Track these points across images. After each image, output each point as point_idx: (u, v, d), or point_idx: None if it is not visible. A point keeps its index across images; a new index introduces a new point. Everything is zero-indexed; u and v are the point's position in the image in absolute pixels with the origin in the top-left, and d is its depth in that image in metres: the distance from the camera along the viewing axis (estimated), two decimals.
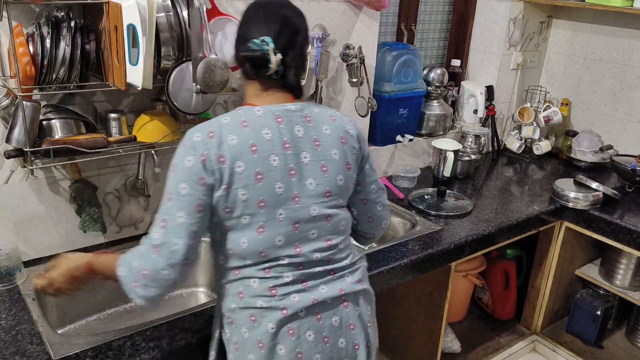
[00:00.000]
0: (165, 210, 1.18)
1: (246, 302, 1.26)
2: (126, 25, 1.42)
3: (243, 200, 1.20)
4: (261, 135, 1.22)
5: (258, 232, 1.22)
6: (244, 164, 1.19)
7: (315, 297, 1.28)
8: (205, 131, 1.20)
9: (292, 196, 1.24)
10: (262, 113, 1.25)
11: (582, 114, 2.97)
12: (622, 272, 2.52)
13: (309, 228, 1.27)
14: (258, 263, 1.25)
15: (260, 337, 1.24)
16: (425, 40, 2.81)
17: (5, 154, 1.51)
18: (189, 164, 1.17)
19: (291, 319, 1.25)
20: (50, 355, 1.34)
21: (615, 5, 2.47)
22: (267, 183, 1.21)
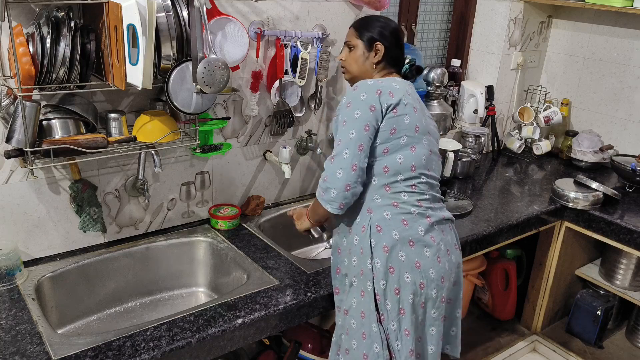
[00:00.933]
0: (341, 132, 1.52)
1: (401, 208, 1.56)
2: (126, 25, 1.42)
3: (406, 123, 1.55)
4: (407, 92, 1.60)
5: (411, 150, 1.57)
6: (407, 99, 1.57)
7: (443, 214, 1.64)
8: (373, 80, 1.58)
9: (428, 131, 1.62)
10: (400, 80, 1.65)
11: (582, 114, 2.97)
12: (622, 272, 2.52)
13: (434, 158, 1.65)
14: (407, 178, 1.57)
15: (412, 237, 1.55)
16: (425, 40, 2.81)
17: (5, 154, 1.51)
18: (363, 97, 1.52)
19: (432, 227, 1.59)
20: (50, 355, 1.34)
21: (615, 5, 2.47)
22: (419, 115, 1.59)
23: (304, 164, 2.30)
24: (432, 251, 1.56)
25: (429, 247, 1.56)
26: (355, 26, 1.70)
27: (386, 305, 1.54)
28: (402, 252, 1.53)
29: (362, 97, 1.52)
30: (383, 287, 1.53)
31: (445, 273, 1.60)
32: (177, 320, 1.49)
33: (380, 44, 1.64)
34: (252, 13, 1.91)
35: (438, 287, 1.58)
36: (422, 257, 1.55)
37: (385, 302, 1.54)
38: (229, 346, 1.52)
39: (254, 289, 1.65)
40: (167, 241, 1.92)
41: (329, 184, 1.50)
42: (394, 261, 1.53)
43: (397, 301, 1.54)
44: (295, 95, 2.08)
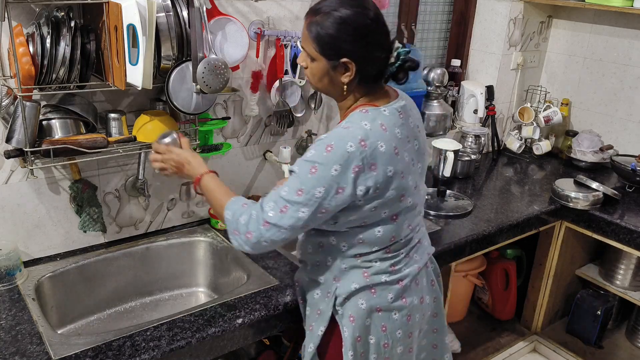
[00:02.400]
0: (291, 198, 1.24)
1: (371, 279, 1.38)
2: (126, 25, 1.42)
3: (390, 198, 1.30)
4: (396, 136, 1.30)
5: (392, 221, 1.35)
6: (393, 167, 1.28)
7: (418, 265, 1.46)
8: (356, 140, 1.23)
9: (415, 185, 1.37)
10: (388, 112, 1.31)
11: (582, 114, 2.97)
12: (622, 272, 2.52)
13: (420, 207, 1.44)
14: (383, 248, 1.38)
15: (379, 305, 1.39)
16: (425, 40, 2.81)
17: (5, 154, 1.51)
18: (334, 172, 1.23)
19: (404, 289, 1.42)
20: (50, 355, 1.34)
21: (615, 5, 2.47)
22: (406, 180, 1.32)
23: None
24: (402, 313, 1.42)
25: (398, 311, 1.42)
26: (309, 27, 1.28)
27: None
28: (369, 320, 1.40)
29: (333, 171, 1.22)
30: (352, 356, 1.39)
31: (414, 325, 1.47)
32: (177, 320, 1.49)
33: (350, 62, 1.25)
34: (252, 13, 1.91)
35: (405, 344, 1.46)
36: (390, 321, 1.41)
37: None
38: (229, 346, 1.52)
39: (254, 289, 1.65)
40: (167, 241, 1.92)
41: (247, 244, 1.28)
42: (361, 330, 1.40)
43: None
44: (295, 95, 2.08)
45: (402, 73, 1.34)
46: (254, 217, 1.28)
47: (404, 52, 1.31)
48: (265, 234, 1.26)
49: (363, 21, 1.24)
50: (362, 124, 1.26)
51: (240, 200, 1.35)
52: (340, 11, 1.24)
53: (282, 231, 1.26)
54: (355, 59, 1.26)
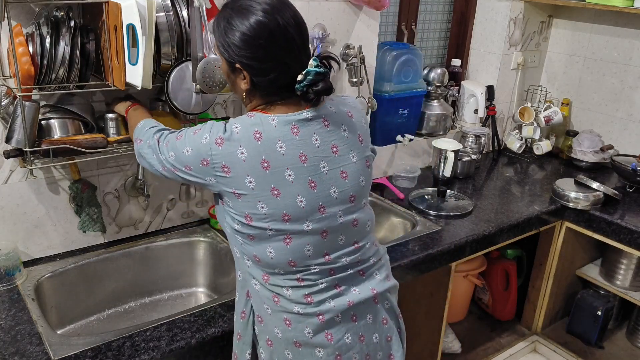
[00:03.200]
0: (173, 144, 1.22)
1: (282, 306, 1.24)
2: (126, 25, 1.41)
3: (265, 214, 1.16)
4: (275, 149, 1.15)
5: (285, 243, 1.19)
6: (255, 179, 1.15)
7: (350, 299, 1.27)
8: (213, 137, 1.15)
9: (318, 207, 1.19)
10: (276, 123, 1.17)
11: (582, 114, 2.96)
12: (622, 273, 2.51)
13: (337, 235, 1.24)
14: (288, 272, 1.22)
15: (297, 339, 1.25)
16: (425, 40, 2.81)
17: (5, 154, 1.51)
18: (187, 153, 1.19)
19: (328, 324, 1.25)
20: (49, 355, 1.33)
21: (615, 5, 2.47)
22: (286, 198, 1.16)
23: None
24: (327, 351, 1.26)
25: (322, 348, 1.26)
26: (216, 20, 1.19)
27: None
28: (289, 351, 1.26)
29: (203, 140, 1.16)
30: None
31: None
32: (176, 320, 1.49)
33: (242, 69, 1.16)
34: None
35: None
36: (313, 357, 1.26)
37: None
38: (228, 346, 1.52)
39: None
40: (167, 241, 1.92)
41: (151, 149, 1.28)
42: (280, 356, 1.28)
43: None
44: None
45: (312, 94, 1.14)
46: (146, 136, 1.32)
47: (314, 73, 1.12)
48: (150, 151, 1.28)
49: (256, 28, 1.12)
50: (233, 126, 1.16)
51: (143, 127, 1.37)
52: (234, 11, 1.14)
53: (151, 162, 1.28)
54: (246, 67, 1.15)
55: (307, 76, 1.13)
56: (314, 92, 1.14)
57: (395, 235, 2.22)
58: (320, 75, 1.13)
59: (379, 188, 2.46)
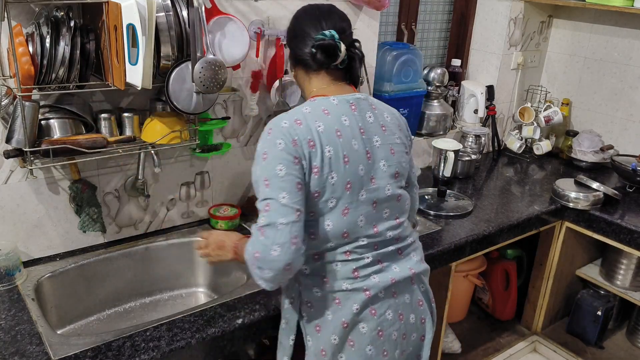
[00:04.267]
0: (267, 194, 1.21)
1: (331, 285, 1.33)
2: (126, 25, 1.41)
3: (332, 184, 1.27)
4: (342, 122, 1.30)
5: (343, 214, 1.29)
6: (332, 148, 1.27)
7: (392, 276, 1.37)
8: (291, 119, 1.27)
9: (370, 177, 1.33)
10: (337, 102, 1.34)
11: (582, 114, 2.96)
12: (622, 272, 2.51)
13: (383, 207, 1.36)
14: (340, 245, 1.32)
15: (345, 318, 1.32)
16: (425, 40, 2.81)
17: (5, 154, 1.51)
18: (280, 146, 1.23)
19: (373, 300, 1.34)
20: (49, 355, 1.33)
21: (615, 5, 2.47)
22: (352, 166, 1.29)
23: None
24: (370, 326, 1.34)
25: (366, 323, 1.34)
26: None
27: None
28: (335, 336, 1.32)
29: (278, 145, 1.23)
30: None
31: (390, 343, 1.38)
32: (177, 320, 1.49)
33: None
34: (252, 13, 1.91)
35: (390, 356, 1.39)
36: (358, 335, 1.34)
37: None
38: (228, 346, 1.52)
39: (253, 289, 1.64)
40: (167, 241, 1.92)
41: (262, 264, 1.19)
42: (326, 343, 1.33)
43: None
44: (295, 95, 2.08)
45: (319, 53, 1.33)
46: (252, 235, 1.23)
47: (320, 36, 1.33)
48: (267, 240, 1.18)
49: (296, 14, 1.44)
50: (302, 109, 1.31)
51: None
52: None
53: (279, 227, 1.18)
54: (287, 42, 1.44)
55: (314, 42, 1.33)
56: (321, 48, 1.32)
57: None
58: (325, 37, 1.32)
59: None
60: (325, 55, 1.33)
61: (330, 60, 1.33)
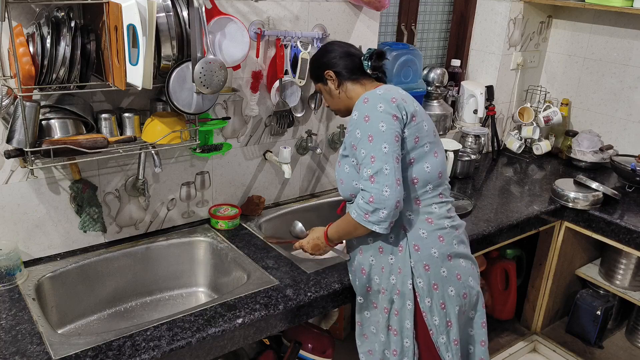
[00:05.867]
0: (370, 148, 1.45)
1: (436, 224, 1.55)
2: (126, 25, 1.42)
3: (426, 130, 1.53)
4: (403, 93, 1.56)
5: (435, 156, 1.55)
6: (419, 107, 1.56)
7: (460, 221, 1.64)
8: (382, 89, 1.53)
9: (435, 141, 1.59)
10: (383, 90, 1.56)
11: (582, 114, 2.97)
12: (622, 272, 2.52)
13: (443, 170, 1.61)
14: (435, 187, 1.56)
15: (449, 252, 1.55)
16: (425, 40, 2.81)
17: (6, 154, 1.51)
18: (381, 108, 1.47)
19: (461, 236, 1.60)
20: (50, 355, 1.34)
21: (615, 6, 2.47)
22: (429, 128, 1.56)
23: (304, 164, 2.30)
24: (466, 261, 1.59)
25: (464, 258, 1.58)
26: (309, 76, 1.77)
27: (434, 320, 1.55)
28: (444, 268, 1.54)
29: (379, 108, 1.47)
30: (429, 305, 1.54)
31: (477, 277, 1.63)
32: (177, 320, 1.49)
33: (326, 72, 1.63)
34: (252, 13, 1.92)
35: (477, 292, 1.62)
36: (460, 268, 1.56)
37: (433, 318, 1.55)
38: (229, 346, 1.52)
39: (254, 289, 1.65)
40: (167, 241, 1.92)
41: (377, 205, 1.43)
42: (437, 278, 1.53)
43: (445, 315, 1.55)
44: (295, 95, 2.08)
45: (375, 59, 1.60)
46: (363, 187, 1.46)
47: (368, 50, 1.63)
48: (378, 185, 1.43)
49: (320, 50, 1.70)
50: (376, 92, 1.52)
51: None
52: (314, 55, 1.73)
53: (386, 172, 1.42)
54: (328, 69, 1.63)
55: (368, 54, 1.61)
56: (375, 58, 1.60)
57: None
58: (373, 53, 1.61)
59: None
60: (378, 59, 1.60)
61: (380, 62, 1.61)
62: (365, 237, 1.60)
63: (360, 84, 1.62)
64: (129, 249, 1.85)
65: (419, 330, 1.56)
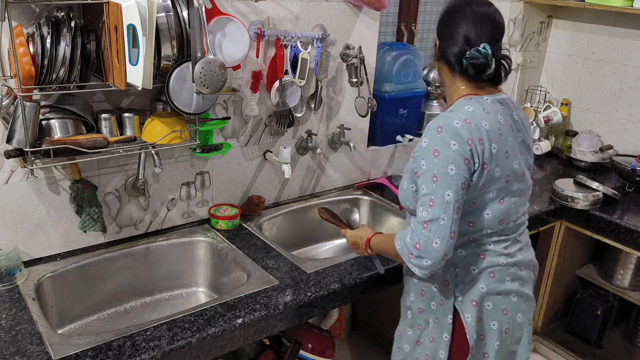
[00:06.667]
0: (433, 190, 1.35)
1: (488, 261, 1.48)
2: (126, 25, 1.42)
3: (497, 177, 1.41)
4: (499, 120, 1.43)
5: (499, 203, 1.45)
6: (497, 145, 1.40)
7: (527, 256, 1.56)
8: (461, 119, 1.37)
9: (523, 171, 1.50)
10: (491, 101, 1.45)
11: (582, 114, 2.97)
12: (621, 272, 2.52)
13: (524, 195, 1.54)
14: (494, 231, 1.47)
15: (499, 289, 1.49)
16: (425, 40, 2.81)
17: (6, 154, 1.51)
18: (454, 147, 1.35)
19: (518, 272, 1.52)
20: (50, 355, 1.34)
21: (615, 5, 2.47)
22: (510, 161, 1.44)
23: (304, 164, 2.30)
24: (519, 297, 1.53)
25: (516, 294, 1.52)
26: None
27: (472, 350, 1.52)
28: (489, 302, 1.49)
29: (452, 146, 1.34)
30: (474, 340, 1.50)
31: (530, 314, 1.58)
32: (177, 320, 1.49)
33: (437, 38, 1.48)
34: (252, 13, 1.92)
35: (524, 329, 1.56)
36: (509, 304, 1.51)
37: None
38: (229, 346, 1.52)
39: (254, 289, 1.65)
40: (167, 241, 1.92)
41: (423, 254, 1.36)
42: (482, 312, 1.50)
43: (482, 346, 1.52)
44: (295, 95, 2.08)
45: (470, 68, 1.42)
46: (414, 229, 1.38)
47: (474, 53, 1.40)
48: (429, 234, 1.34)
49: (453, 7, 1.46)
50: (466, 108, 1.40)
51: (403, 230, 1.47)
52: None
53: (442, 222, 1.34)
54: (439, 39, 1.49)
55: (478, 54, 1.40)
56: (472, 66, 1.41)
57: None
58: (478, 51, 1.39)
59: (378, 188, 2.46)
60: (476, 71, 1.40)
61: (479, 75, 1.41)
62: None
63: (452, 76, 1.48)
64: (129, 249, 1.85)
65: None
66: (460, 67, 1.42)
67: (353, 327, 2.78)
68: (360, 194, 2.41)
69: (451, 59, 1.43)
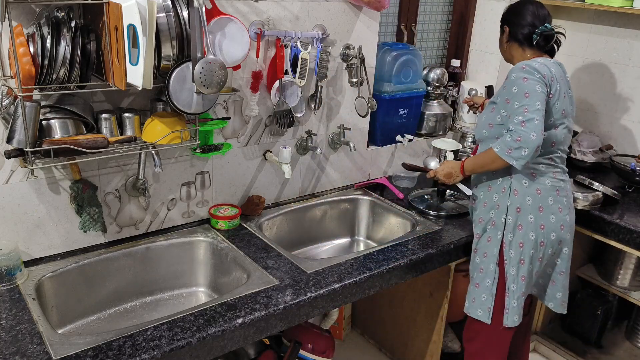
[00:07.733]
0: (526, 102, 1.74)
1: (538, 180, 1.88)
2: (126, 25, 1.42)
3: (556, 108, 1.82)
4: (560, 72, 1.87)
5: (554, 129, 1.85)
6: (559, 85, 1.83)
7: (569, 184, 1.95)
8: (538, 62, 1.82)
9: (570, 113, 1.89)
10: (552, 62, 1.87)
11: (581, 114, 2.97)
12: (621, 272, 2.52)
13: (568, 137, 1.92)
14: (547, 152, 1.86)
15: (542, 205, 1.87)
16: (425, 40, 2.81)
17: (6, 154, 1.51)
18: (537, 75, 1.77)
19: (560, 197, 1.89)
20: (50, 355, 1.34)
21: (615, 6, 2.47)
22: (564, 102, 1.85)
23: (304, 164, 2.30)
24: (557, 218, 1.88)
25: (555, 215, 1.88)
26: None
27: (510, 253, 1.88)
28: (532, 215, 1.86)
29: (536, 75, 1.76)
30: (510, 239, 1.88)
31: (563, 237, 1.92)
32: (177, 320, 1.49)
33: (504, 26, 1.93)
34: (252, 13, 1.92)
35: (554, 248, 1.92)
36: (547, 222, 1.87)
37: (510, 251, 1.88)
38: (229, 346, 1.52)
39: (254, 288, 1.65)
40: (168, 241, 1.92)
41: (523, 144, 1.71)
42: (523, 221, 1.87)
43: (520, 253, 1.88)
44: (295, 95, 2.09)
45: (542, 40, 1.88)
46: (513, 129, 1.74)
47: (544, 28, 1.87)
48: (527, 130, 1.71)
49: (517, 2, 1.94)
50: (533, 64, 1.79)
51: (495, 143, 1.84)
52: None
53: (536, 122, 1.71)
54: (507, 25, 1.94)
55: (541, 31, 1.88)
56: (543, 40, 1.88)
57: (394, 235, 2.23)
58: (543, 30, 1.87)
59: (378, 188, 2.46)
60: (545, 42, 1.87)
61: (546, 44, 1.88)
62: (481, 177, 1.96)
63: (522, 50, 1.91)
64: (129, 249, 1.85)
65: (500, 258, 1.90)
66: (530, 43, 1.87)
67: (353, 327, 2.78)
68: (360, 193, 2.41)
69: (520, 38, 1.89)
